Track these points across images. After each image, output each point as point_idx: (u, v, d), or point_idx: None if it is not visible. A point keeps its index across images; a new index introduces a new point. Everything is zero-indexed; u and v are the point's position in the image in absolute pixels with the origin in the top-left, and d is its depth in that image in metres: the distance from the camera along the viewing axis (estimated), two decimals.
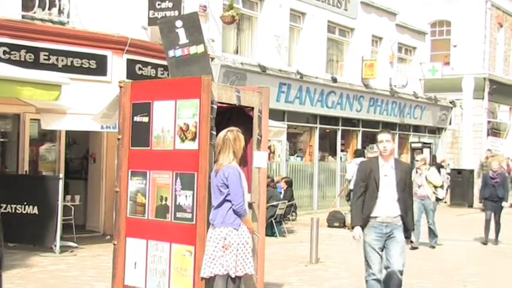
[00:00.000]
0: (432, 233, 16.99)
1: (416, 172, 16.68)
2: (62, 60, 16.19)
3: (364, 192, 9.22)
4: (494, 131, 37.41)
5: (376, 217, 9.08)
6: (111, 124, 13.13)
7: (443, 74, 33.15)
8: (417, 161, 17.42)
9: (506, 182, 18.62)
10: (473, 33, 34.70)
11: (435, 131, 33.79)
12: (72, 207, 15.69)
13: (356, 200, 9.35)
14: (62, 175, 14.79)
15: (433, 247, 16.75)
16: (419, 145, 28.13)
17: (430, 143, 30.60)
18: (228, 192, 8.03)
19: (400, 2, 31.20)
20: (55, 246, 14.13)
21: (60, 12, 16.70)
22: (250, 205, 8.72)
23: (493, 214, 17.69)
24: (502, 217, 18.02)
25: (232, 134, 8.26)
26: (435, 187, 16.64)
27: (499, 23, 37.05)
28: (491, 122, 36.90)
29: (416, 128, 32.25)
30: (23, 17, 15.85)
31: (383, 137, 9.25)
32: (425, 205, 16.63)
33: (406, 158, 30.74)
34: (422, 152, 26.75)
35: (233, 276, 8.06)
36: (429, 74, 33.21)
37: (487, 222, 17.71)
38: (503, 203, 17.81)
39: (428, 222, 16.82)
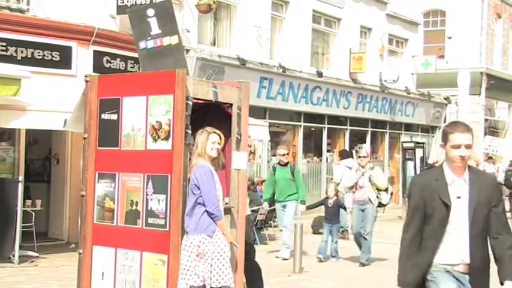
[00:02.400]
0: (367, 247, 15.36)
1: (358, 170, 15.47)
2: (22, 52, 16.08)
3: (421, 225, 6.24)
4: (492, 129, 37.60)
5: (452, 265, 6.14)
6: (76, 124, 13.03)
7: (437, 68, 33.30)
8: (362, 157, 15.65)
9: None
10: (470, 24, 34.87)
11: (428, 129, 33.89)
12: (33, 213, 15.55)
13: (407, 236, 6.28)
14: (21, 178, 14.73)
15: (364, 265, 15.12)
16: (412, 145, 28.18)
17: (423, 143, 30.60)
18: (200, 194, 8.04)
19: None
20: (13, 256, 14.06)
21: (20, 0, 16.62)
22: (228, 210, 8.69)
23: None
24: None
25: (199, 134, 8.41)
26: (378, 190, 15.20)
27: (497, 13, 37.26)
28: (488, 120, 37.11)
29: (408, 127, 32.34)
30: None
31: (463, 138, 6.11)
32: (366, 212, 15.20)
33: (397, 159, 30.89)
34: (415, 153, 26.80)
35: (213, 286, 8.04)
36: (422, 68, 33.33)
37: None
38: None
39: (364, 231, 15.21)
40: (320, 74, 25.66)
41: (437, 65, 33.25)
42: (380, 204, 15.50)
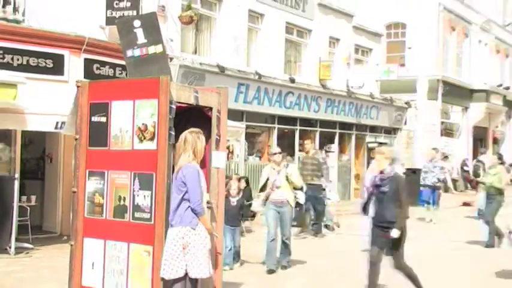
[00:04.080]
0: (287, 249, 13.19)
1: (273, 169, 12.84)
2: (18, 59, 15.93)
3: None
4: (447, 131, 37.78)
5: None
6: (68, 126, 12.93)
7: (399, 76, 33.52)
8: (276, 153, 13.11)
9: (403, 193, 10.25)
10: (427, 36, 35.07)
11: (391, 131, 33.85)
12: (28, 208, 15.39)
13: None
14: (17, 175, 14.58)
15: (285, 267, 13.05)
16: (376, 145, 28.13)
17: (386, 143, 30.59)
18: (186, 191, 7.97)
19: (356, 4, 31.39)
20: (10, 247, 13.94)
21: (15, 10, 16.36)
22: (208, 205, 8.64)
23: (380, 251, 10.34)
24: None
25: (191, 135, 8.22)
26: (295, 189, 12.98)
27: (451, 26, 37.48)
28: (444, 122, 37.27)
29: (373, 128, 32.27)
30: None
31: None
32: (283, 214, 12.63)
33: (362, 157, 30.89)
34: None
35: (192, 276, 8.00)
36: (385, 75, 33.45)
37: (373, 265, 10.32)
38: (393, 232, 9.95)
39: (283, 235, 12.91)
40: (292, 80, 25.61)
41: (398, 73, 33.51)
42: (297, 204, 13.26)
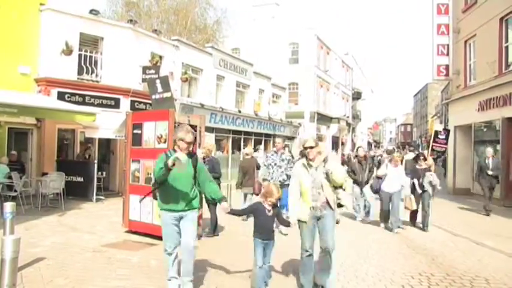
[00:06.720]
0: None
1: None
2: (96, 100, 15.74)
3: None
4: (319, 138, 38.23)
5: None
6: (121, 135, 12.84)
7: (295, 110, 33.80)
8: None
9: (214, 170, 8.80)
10: (309, 90, 35.37)
11: (291, 138, 34.15)
12: (102, 178, 15.15)
13: None
14: (96, 161, 14.39)
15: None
16: (284, 145, 28.32)
17: (289, 144, 30.86)
18: None
19: (272, 71, 31.58)
20: (92, 199, 13.79)
21: (96, 75, 16.22)
22: None
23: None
24: None
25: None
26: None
27: (320, 85, 37.93)
28: (318, 134, 37.76)
29: (282, 137, 32.48)
30: (77, 78, 15.51)
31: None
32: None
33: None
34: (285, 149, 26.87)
35: None
36: (288, 109, 33.67)
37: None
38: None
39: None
40: (240, 111, 25.66)
41: (295, 108, 33.77)
42: None
